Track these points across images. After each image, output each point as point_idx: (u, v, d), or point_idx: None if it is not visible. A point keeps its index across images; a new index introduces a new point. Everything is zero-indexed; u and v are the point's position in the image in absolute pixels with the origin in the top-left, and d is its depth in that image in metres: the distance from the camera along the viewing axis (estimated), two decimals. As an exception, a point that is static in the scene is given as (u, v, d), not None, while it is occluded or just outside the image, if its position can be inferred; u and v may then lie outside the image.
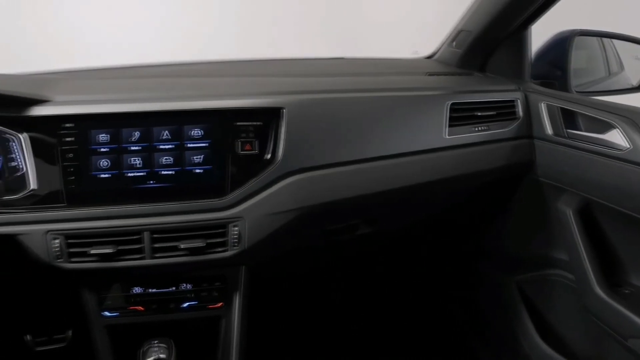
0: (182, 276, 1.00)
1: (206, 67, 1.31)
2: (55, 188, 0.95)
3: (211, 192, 0.96)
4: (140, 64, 1.29)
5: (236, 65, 1.36)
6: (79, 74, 1.23)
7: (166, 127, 0.96)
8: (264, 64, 1.40)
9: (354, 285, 1.65)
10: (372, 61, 1.56)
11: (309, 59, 1.57)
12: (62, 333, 1.41)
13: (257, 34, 3.10)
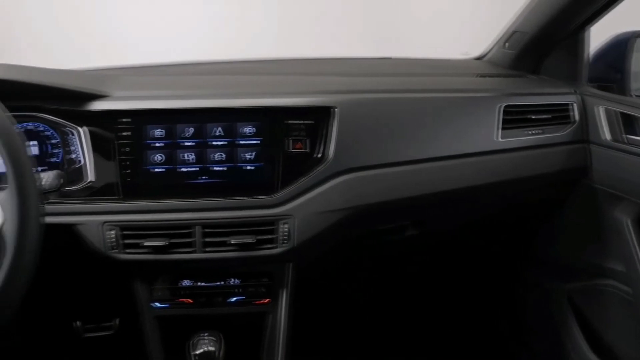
0: (230, 271, 1.02)
1: (256, 65, 1.33)
2: (112, 180, 0.98)
3: (261, 189, 0.97)
4: (192, 62, 1.32)
5: (285, 63, 1.37)
6: (134, 71, 1.27)
7: (219, 124, 0.98)
8: (312, 63, 1.40)
9: (397, 286, 1.63)
10: (420, 61, 1.55)
11: (355, 58, 1.56)
12: (110, 321, 1.46)
13: (299, 33, 3.11)
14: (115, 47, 3.08)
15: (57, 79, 0.95)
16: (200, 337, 0.93)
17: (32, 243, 0.70)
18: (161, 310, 1.02)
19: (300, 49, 2.84)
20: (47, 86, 0.93)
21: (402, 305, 1.66)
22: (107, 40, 3.10)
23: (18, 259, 0.69)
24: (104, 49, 2.94)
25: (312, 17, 3.13)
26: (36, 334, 1.42)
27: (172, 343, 1.03)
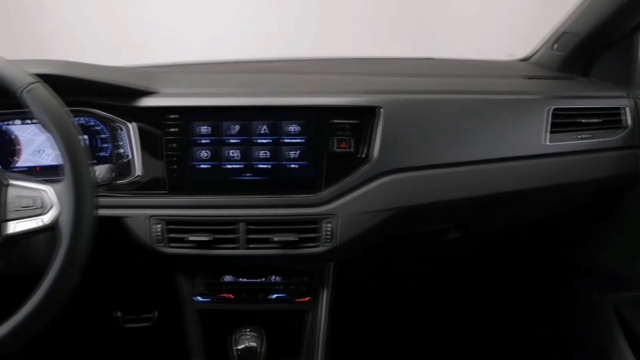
0: (272, 268, 1.03)
1: (299, 64, 1.33)
2: (158, 175, 1.00)
3: (305, 187, 0.97)
4: (235, 60, 1.33)
5: (327, 62, 1.37)
6: (179, 68, 1.29)
7: (264, 122, 0.98)
8: (354, 63, 1.40)
9: (437, 289, 1.61)
10: (463, 62, 1.52)
11: (396, 58, 1.55)
12: (149, 313, 1.49)
13: (336, 33, 3.10)
14: (150, 45, 3.14)
15: (110, 75, 0.98)
16: (242, 332, 0.94)
17: (86, 234, 0.72)
18: (202, 304, 1.04)
19: (337, 48, 2.84)
20: (100, 82, 0.95)
21: (441, 308, 1.64)
22: (143, 38, 3.17)
23: (73, 249, 0.71)
24: (139, 47, 3.01)
25: (349, 16, 3.12)
26: (79, 322, 1.46)
27: (212, 337, 1.04)
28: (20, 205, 0.75)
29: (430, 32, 2.93)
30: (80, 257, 0.72)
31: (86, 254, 0.73)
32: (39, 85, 0.74)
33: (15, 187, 0.76)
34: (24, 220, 0.74)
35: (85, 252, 0.73)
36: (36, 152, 1.07)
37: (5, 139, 1.06)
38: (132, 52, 2.81)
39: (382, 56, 1.55)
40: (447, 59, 1.54)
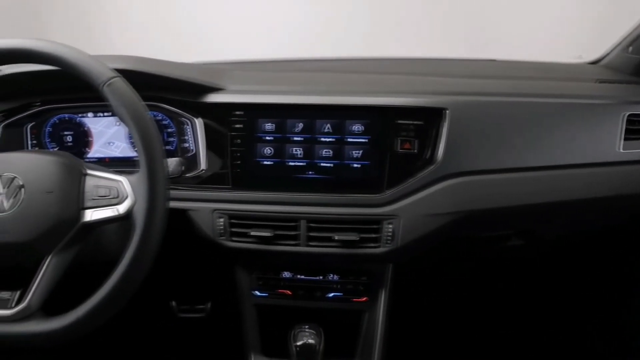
0: (330, 266, 1.03)
1: (361, 64, 1.33)
2: (222, 170, 1.02)
3: (368, 187, 0.97)
4: (299, 58, 1.34)
5: (389, 62, 1.36)
6: (243, 65, 1.31)
7: (328, 121, 0.99)
8: (416, 63, 1.38)
9: (492, 294, 1.57)
10: (528, 64, 1.47)
11: (459, 59, 1.52)
12: (203, 304, 1.52)
13: (392, 33, 3.07)
14: (201, 43, 3.21)
15: (180, 71, 1.00)
16: (301, 329, 0.95)
17: (158, 225, 0.75)
18: (260, 299, 1.05)
19: (394, 49, 2.82)
20: (171, 78, 0.98)
21: (498, 313, 1.60)
22: (194, 36, 3.24)
23: (146, 238, 0.74)
24: (190, 45, 3.08)
25: (404, 16, 3.08)
26: (136, 308, 1.51)
27: (269, 331, 1.05)
28: (97, 195, 0.78)
29: (491, 32, 2.86)
30: (152, 247, 0.75)
31: (157, 244, 0.75)
32: (119, 79, 0.76)
33: (92, 177, 0.80)
34: (100, 209, 0.77)
35: (156, 242, 0.75)
36: (106, 144, 1.12)
37: (79, 130, 1.11)
38: (188, 50, 2.89)
39: (443, 57, 1.53)
40: (511, 61, 1.50)
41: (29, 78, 1.00)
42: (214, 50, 2.87)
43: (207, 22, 3.33)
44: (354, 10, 3.13)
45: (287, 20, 3.26)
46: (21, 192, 0.76)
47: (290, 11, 3.25)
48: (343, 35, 3.11)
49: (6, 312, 0.75)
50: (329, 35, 3.14)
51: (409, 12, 3.04)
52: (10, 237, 0.75)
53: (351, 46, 3.06)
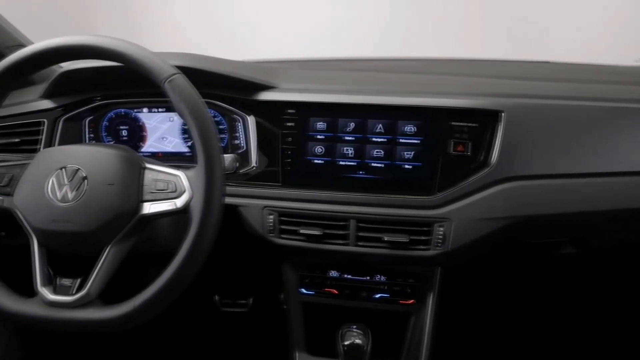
0: (377, 267, 1.02)
1: (412, 64, 1.31)
2: (273, 168, 1.02)
3: (419, 189, 0.96)
4: (349, 57, 1.34)
5: (440, 63, 1.34)
6: (292, 64, 1.31)
7: (380, 121, 0.98)
8: (469, 64, 1.36)
9: (542, 300, 1.53)
10: (584, 67, 1.43)
11: (512, 61, 1.49)
12: (245, 299, 1.54)
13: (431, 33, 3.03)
14: (245, 42, 3.25)
15: (234, 69, 1.02)
16: (349, 328, 0.94)
17: (214, 219, 0.76)
18: (307, 296, 1.05)
19: (443, 49, 2.78)
20: (226, 76, 0.99)
21: (547, 320, 1.55)
22: (238, 35, 3.29)
23: (202, 232, 0.75)
24: (234, 44, 3.12)
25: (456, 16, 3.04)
26: (182, 302, 1.54)
27: (314, 329, 1.06)
28: (156, 188, 0.80)
29: (543, 33, 2.79)
30: (208, 241, 0.76)
31: (213, 238, 0.77)
32: (180, 76, 0.78)
33: (151, 171, 0.82)
34: (158, 202, 0.79)
35: (212, 236, 0.76)
36: (160, 138, 1.14)
37: (134, 125, 1.14)
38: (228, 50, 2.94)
39: (496, 58, 1.50)
40: (566, 63, 1.46)
41: (91, 73, 1.03)
42: (253, 50, 2.90)
43: (247, 22, 3.38)
44: (398, 10, 3.12)
45: (326, 21, 3.27)
46: (84, 184, 0.79)
47: (329, 11, 3.26)
48: (385, 36, 3.10)
49: (68, 299, 0.78)
50: (370, 35, 3.14)
51: (454, 11, 3.00)
52: (73, 227, 0.77)
53: (390, 46, 3.05)
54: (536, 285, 1.49)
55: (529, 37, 2.92)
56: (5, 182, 0.84)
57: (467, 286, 1.34)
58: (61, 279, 0.81)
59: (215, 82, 1.00)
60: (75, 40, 0.79)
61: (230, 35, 3.21)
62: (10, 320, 0.79)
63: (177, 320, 1.60)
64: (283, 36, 3.30)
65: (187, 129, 1.12)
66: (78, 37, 0.79)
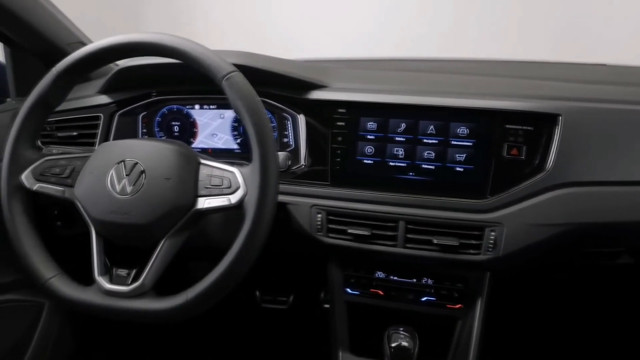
0: (425, 270, 1.01)
1: (463, 65, 1.30)
2: (322, 167, 1.03)
3: (470, 192, 0.94)
4: (398, 57, 1.33)
5: (493, 65, 1.31)
6: (338, 63, 1.31)
7: (432, 122, 0.97)
8: (523, 66, 1.33)
9: (594, 310, 1.48)
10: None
11: (565, 63, 1.45)
12: (285, 297, 1.55)
13: (466, 34, 2.98)
14: (284, 41, 3.27)
15: (287, 68, 1.02)
16: (396, 330, 0.94)
17: (268, 216, 0.77)
18: (352, 296, 1.05)
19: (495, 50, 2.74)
20: (280, 74, 1.00)
21: (596, 330, 1.50)
22: (276, 34, 3.32)
23: (256, 228, 0.76)
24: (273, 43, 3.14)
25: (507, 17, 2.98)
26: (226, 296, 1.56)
27: (358, 329, 1.06)
28: (211, 184, 0.81)
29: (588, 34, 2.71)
30: (261, 237, 0.77)
31: (266, 234, 0.77)
32: (237, 74, 0.79)
33: (206, 167, 0.83)
34: (213, 198, 0.80)
35: (265, 232, 0.77)
36: (210, 135, 1.16)
37: (186, 121, 1.16)
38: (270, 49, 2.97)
39: (550, 60, 1.46)
40: (623, 66, 1.41)
41: (147, 70, 1.06)
42: (295, 50, 2.92)
43: (289, 21, 3.41)
44: (438, 10, 3.08)
45: (363, 21, 3.26)
46: (142, 177, 0.81)
47: (374, 11, 3.25)
48: (422, 36, 3.06)
49: (123, 289, 0.80)
50: (407, 36, 3.11)
51: (503, 12, 2.94)
52: (131, 219, 0.79)
53: (428, 47, 3.01)
54: (588, 293, 1.44)
55: (574, 39, 2.84)
56: (66, 174, 0.87)
57: (515, 292, 1.31)
58: (117, 269, 0.83)
59: (268, 80, 1.01)
60: (138, 37, 0.81)
61: (268, 35, 3.25)
62: (70, 307, 0.82)
63: (219, 314, 1.62)
64: (321, 36, 3.32)
65: (237, 126, 1.14)
66: (141, 35, 0.81)
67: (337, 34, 3.31)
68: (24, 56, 1.20)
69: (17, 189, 0.86)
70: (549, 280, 1.33)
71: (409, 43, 3.12)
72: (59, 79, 0.85)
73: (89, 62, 0.85)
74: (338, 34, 3.30)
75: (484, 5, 2.86)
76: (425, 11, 3.13)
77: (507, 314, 1.31)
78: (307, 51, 3.03)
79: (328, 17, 3.36)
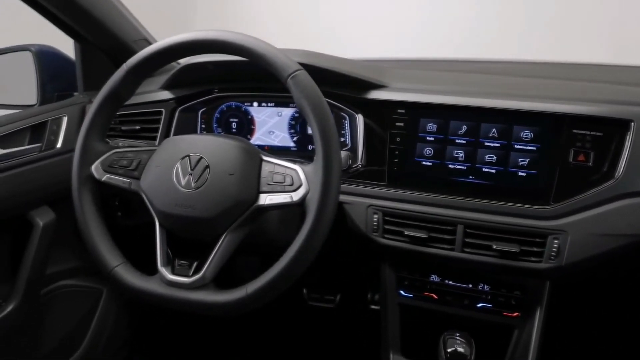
0: (482, 275, 0.99)
1: (525, 67, 1.26)
2: (379, 167, 1.02)
3: (532, 198, 0.92)
4: (455, 58, 1.31)
5: (554, 67, 1.27)
6: (395, 63, 1.30)
7: (494, 125, 0.95)
8: (585, 69, 1.28)
9: None
10: None
11: (631, 66, 1.38)
12: (332, 296, 1.55)
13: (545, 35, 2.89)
14: (328, 41, 3.28)
15: (348, 67, 1.02)
16: (451, 335, 0.92)
17: (329, 215, 0.77)
18: (405, 299, 1.04)
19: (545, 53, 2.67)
20: (341, 74, 1.00)
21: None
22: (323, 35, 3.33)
23: (317, 227, 0.76)
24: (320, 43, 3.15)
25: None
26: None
27: (411, 332, 1.05)
28: (273, 181, 0.82)
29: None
30: (322, 236, 0.77)
31: (326, 233, 0.78)
32: (303, 72, 0.80)
33: (268, 163, 0.84)
34: (275, 194, 0.81)
35: (326, 231, 0.77)
36: (267, 132, 1.18)
37: (244, 118, 1.18)
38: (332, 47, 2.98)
39: (608, 63, 1.41)
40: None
41: (210, 67, 1.08)
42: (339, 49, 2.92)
43: (333, 21, 3.41)
44: (485, 11, 3.01)
45: (409, 21, 3.22)
46: (206, 172, 0.82)
47: (417, 12, 3.21)
48: (470, 37, 3.00)
49: (185, 280, 0.82)
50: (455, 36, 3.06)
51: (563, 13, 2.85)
52: (195, 213, 0.81)
53: (475, 48, 2.96)
54: None
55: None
56: (133, 167, 0.89)
57: (577, 302, 1.26)
58: (179, 261, 0.85)
59: (330, 79, 1.01)
60: (207, 35, 0.83)
61: (315, 35, 3.27)
62: (133, 295, 0.85)
63: (266, 309, 1.64)
64: (365, 36, 3.31)
65: (294, 125, 1.15)
66: (210, 33, 0.83)
67: (380, 34, 3.29)
68: (92, 52, 1.25)
69: (87, 179, 0.90)
70: (613, 290, 1.28)
71: (450, 44, 3.08)
72: (129, 74, 0.88)
73: (159, 58, 0.87)
74: (380, 34, 3.29)
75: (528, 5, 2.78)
76: (468, 12, 3.07)
77: (568, 324, 1.27)
78: (351, 50, 3.04)
79: (371, 16, 3.35)
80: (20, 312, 1.06)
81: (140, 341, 1.54)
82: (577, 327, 1.34)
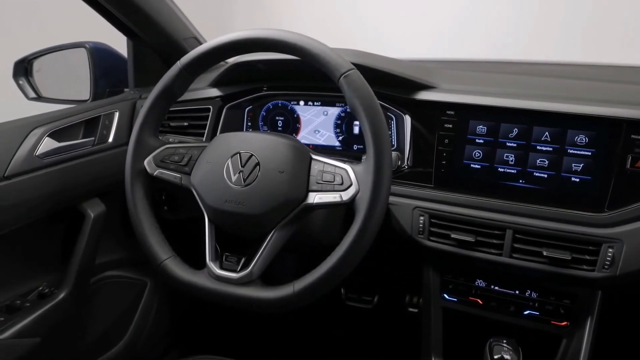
0: (529, 282, 0.97)
1: (576, 69, 1.22)
2: (426, 168, 1.01)
3: (586, 204, 0.89)
4: (504, 60, 1.28)
5: (606, 70, 1.23)
6: (450, 65, 1.28)
7: (547, 129, 0.93)
8: (633, 71, 1.23)
9: None
10: None
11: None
12: (370, 297, 1.55)
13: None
14: (381, 41, 3.26)
15: (397, 67, 1.02)
16: (498, 342, 0.91)
17: (379, 215, 0.77)
18: (449, 302, 1.03)
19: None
20: (390, 74, 1.00)
21: None
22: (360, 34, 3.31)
23: (366, 227, 0.76)
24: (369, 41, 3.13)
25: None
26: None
27: (454, 336, 1.03)
28: (322, 179, 0.82)
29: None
30: (371, 236, 0.77)
31: (375, 233, 0.77)
32: (355, 72, 0.79)
33: (318, 162, 0.84)
34: (324, 193, 0.81)
35: (375, 231, 0.77)
36: (312, 131, 1.18)
37: (290, 116, 1.19)
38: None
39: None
40: None
41: (258, 66, 1.10)
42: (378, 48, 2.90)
43: (369, 20, 3.39)
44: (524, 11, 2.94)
45: (445, 21, 3.18)
46: (257, 170, 0.83)
47: (457, 11, 3.16)
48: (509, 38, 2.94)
49: (233, 275, 0.83)
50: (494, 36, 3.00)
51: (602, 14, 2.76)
52: (245, 209, 0.82)
53: (515, 49, 2.89)
54: None
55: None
56: (184, 162, 0.91)
57: (628, 313, 1.22)
58: (227, 256, 0.86)
59: (379, 79, 1.00)
60: (260, 34, 0.84)
61: (351, 35, 3.26)
62: (182, 289, 0.86)
63: (305, 306, 1.65)
64: (404, 35, 3.28)
65: (340, 124, 1.15)
66: (263, 31, 0.84)
67: (416, 34, 3.26)
68: (144, 49, 1.28)
69: (140, 173, 0.92)
70: None
71: (490, 44, 3.02)
72: (183, 71, 0.90)
73: (212, 56, 0.89)
74: (417, 34, 3.26)
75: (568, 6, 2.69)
76: (508, 12, 3.01)
77: (619, 336, 1.23)
78: (390, 50, 3.01)
79: (408, 15, 3.32)
80: (71, 300, 1.09)
81: (181, 332, 1.57)
82: (630, 339, 1.30)
